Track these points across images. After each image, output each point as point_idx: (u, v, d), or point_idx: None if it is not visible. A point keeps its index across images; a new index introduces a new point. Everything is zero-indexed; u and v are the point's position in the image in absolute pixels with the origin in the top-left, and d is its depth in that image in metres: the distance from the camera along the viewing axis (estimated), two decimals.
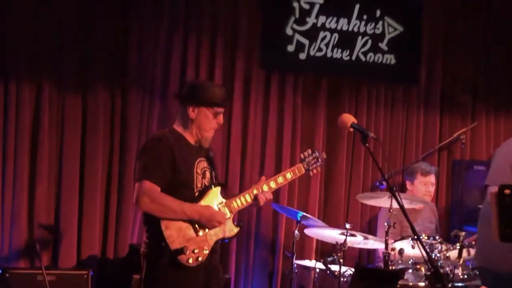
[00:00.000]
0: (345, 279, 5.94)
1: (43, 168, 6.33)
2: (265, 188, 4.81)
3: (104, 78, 6.52)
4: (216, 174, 4.80)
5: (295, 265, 6.26)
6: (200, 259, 4.49)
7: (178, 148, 4.56)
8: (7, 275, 5.84)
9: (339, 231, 6.06)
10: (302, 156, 5.07)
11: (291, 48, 7.13)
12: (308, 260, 6.63)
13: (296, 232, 6.20)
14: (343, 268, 5.90)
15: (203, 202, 4.58)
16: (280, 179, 4.92)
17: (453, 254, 5.93)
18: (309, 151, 5.09)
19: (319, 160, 5.09)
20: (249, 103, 7.02)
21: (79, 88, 6.47)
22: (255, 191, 4.77)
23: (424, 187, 6.96)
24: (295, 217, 6.25)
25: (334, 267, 5.93)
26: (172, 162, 4.51)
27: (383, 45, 7.43)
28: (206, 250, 4.53)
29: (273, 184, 4.85)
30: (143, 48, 6.61)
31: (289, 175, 4.95)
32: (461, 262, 5.88)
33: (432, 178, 7.01)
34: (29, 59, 6.32)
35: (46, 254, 6.34)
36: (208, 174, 4.69)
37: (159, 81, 6.68)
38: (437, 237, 6.02)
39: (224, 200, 4.68)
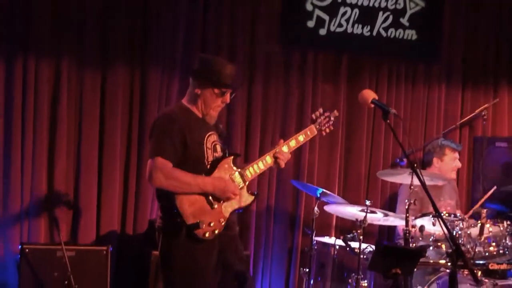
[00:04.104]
0: (365, 256, 5.92)
1: (62, 145, 6.34)
2: (285, 149, 4.81)
3: (123, 56, 6.51)
4: (227, 146, 4.80)
5: (315, 242, 6.25)
6: (216, 231, 4.50)
7: (188, 124, 4.57)
8: (27, 250, 5.87)
9: (359, 208, 6.03)
10: (313, 116, 5.05)
11: (311, 23, 7.07)
12: (327, 237, 6.63)
13: (316, 209, 6.18)
14: (363, 245, 5.87)
15: (215, 174, 4.58)
16: (292, 143, 4.89)
17: (474, 231, 5.88)
18: (321, 110, 5.07)
19: (331, 118, 5.07)
20: (269, 79, 6.98)
21: (98, 66, 6.45)
22: (267, 157, 4.76)
23: (453, 162, 6.91)
24: (315, 193, 6.22)
25: (354, 244, 5.90)
26: (183, 138, 4.52)
27: (404, 21, 7.34)
28: (222, 222, 4.55)
29: (285, 148, 4.82)
30: (162, 26, 6.58)
31: (301, 138, 4.94)
32: (482, 239, 5.84)
33: (458, 154, 6.97)
34: (49, 37, 6.31)
35: (66, 230, 6.35)
36: (218, 148, 4.70)
37: (178, 59, 6.64)
38: (458, 214, 5.98)
39: (237, 170, 4.67)
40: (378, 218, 6.17)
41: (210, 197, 4.51)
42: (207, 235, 4.46)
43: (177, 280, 4.53)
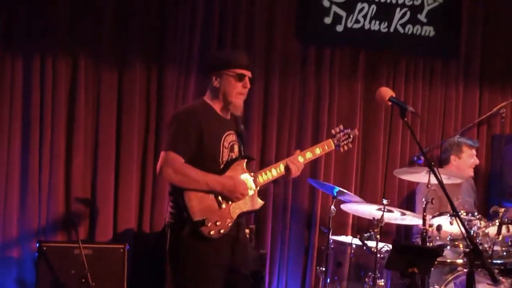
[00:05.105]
0: (381, 255, 5.89)
1: (79, 143, 6.37)
2: (300, 159, 4.80)
3: (140, 53, 6.52)
4: (244, 147, 4.78)
5: (331, 240, 6.22)
6: (222, 231, 4.49)
7: (207, 121, 4.56)
8: (44, 248, 5.89)
9: (376, 207, 6.00)
10: (333, 131, 5.04)
11: (328, 20, 7.04)
12: (344, 236, 6.60)
13: (333, 207, 6.16)
14: (380, 244, 5.85)
15: (227, 174, 4.57)
16: (308, 154, 4.88)
17: (492, 230, 5.84)
18: (341, 126, 5.05)
19: (351, 136, 5.06)
20: (286, 76, 6.96)
21: (115, 63, 6.47)
22: (281, 165, 4.75)
23: (471, 159, 6.88)
24: (332, 192, 6.20)
25: (371, 243, 5.88)
26: (199, 136, 4.51)
27: (422, 17, 7.30)
28: (229, 222, 4.54)
29: (301, 159, 4.81)
30: (179, 23, 6.58)
31: (318, 151, 4.93)
32: (500, 238, 5.79)
33: (475, 151, 6.94)
34: (66, 34, 6.34)
35: (83, 228, 6.38)
36: (236, 148, 4.68)
37: (195, 56, 6.63)
38: (475, 213, 5.93)
39: (249, 174, 4.66)
40: (395, 217, 6.13)
41: (220, 197, 4.52)
42: (212, 233, 4.45)
43: (181, 275, 4.54)
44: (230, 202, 4.55)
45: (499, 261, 5.77)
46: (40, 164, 6.27)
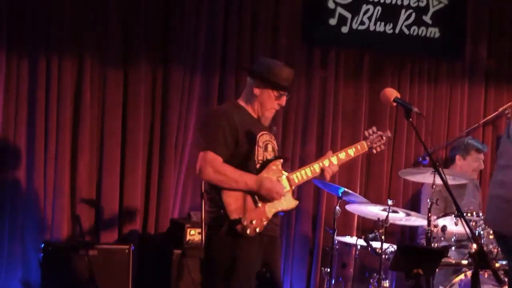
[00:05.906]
0: (386, 256, 5.88)
1: (84, 143, 6.37)
2: (334, 160, 4.85)
3: (145, 53, 6.52)
4: (279, 147, 4.87)
5: (336, 241, 6.22)
6: (257, 229, 4.56)
7: (241, 121, 4.65)
8: (50, 249, 5.90)
9: (381, 207, 6.00)
10: (366, 133, 5.08)
11: (333, 21, 7.04)
12: (349, 237, 6.60)
13: (338, 208, 6.15)
14: (385, 245, 5.84)
15: (263, 174, 4.64)
16: (342, 155, 4.93)
17: None
18: (374, 128, 5.10)
19: (383, 138, 5.10)
20: None
21: (121, 63, 6.47)
22: (316, 166, 4.80)
23: (476, 163, 6.88)
24: (337, 192, 6.19)
25: (376, 244, 5.88)
26: (235, 134, 4.60)
27: (427, 18, 7.30)
28: (264, 221, 4.60)
29: (335, 160, 4.86)
30: (184, 23, 6.59)
31: (351, 152, 4.98)
32: None
33: (483, 155, 6.92)
34: (71, 34, 6.34)
35: (88, 229, 6.38)
36: (270, 148, 4.75)
37: (200, 56, 6.65)
38: (480, 214, 5.92)
39: (284, 173, 4.73)
40: (400, 217, 6.13)
41: (256, 196, 4.58)
42: (248, 231, 4.51)
43: (217, 272, 4.59)
44: (266, 202, 4.61)
45: (504, 262, 5.76)
46: (45, 165, 6.27)
